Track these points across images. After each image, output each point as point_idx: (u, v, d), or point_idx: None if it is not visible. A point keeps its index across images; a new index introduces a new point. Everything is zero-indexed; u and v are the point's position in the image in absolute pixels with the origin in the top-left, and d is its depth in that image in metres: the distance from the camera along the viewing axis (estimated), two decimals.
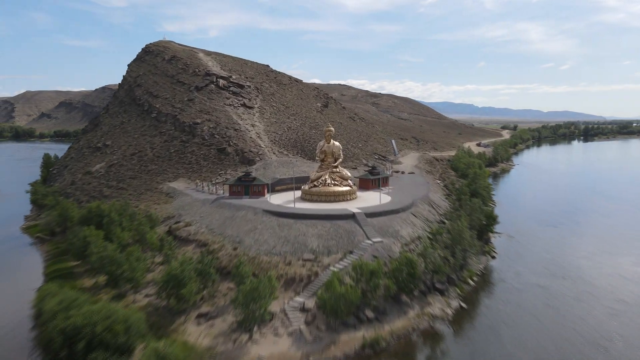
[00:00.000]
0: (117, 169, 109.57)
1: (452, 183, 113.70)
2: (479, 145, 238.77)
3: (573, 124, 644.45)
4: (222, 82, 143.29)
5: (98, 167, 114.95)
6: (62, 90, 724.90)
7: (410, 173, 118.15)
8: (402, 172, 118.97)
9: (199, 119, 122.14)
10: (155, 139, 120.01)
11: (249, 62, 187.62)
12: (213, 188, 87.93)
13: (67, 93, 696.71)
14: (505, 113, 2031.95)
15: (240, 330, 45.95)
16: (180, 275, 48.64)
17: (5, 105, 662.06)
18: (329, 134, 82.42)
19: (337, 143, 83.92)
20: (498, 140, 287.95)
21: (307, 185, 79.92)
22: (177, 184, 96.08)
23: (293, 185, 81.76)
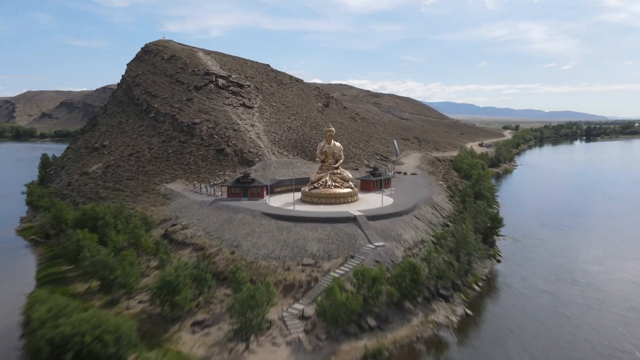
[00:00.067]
0: (114, 170, 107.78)
1: (455, 184, 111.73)
2: (481, 146, 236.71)
3: (575, 124, 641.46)
4: (221, 81, 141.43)
5: (95, 167, 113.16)
6: (63, 90, 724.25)
7: (413, 174, 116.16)
8: (404, 173, 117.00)
9: (198, 119, 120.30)
10: (153, 139, 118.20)
11: (249, 61, 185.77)
12: (211, 189, 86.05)
13: (68, 93, 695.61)
14: (507, 113, 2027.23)
15: (237, 340, 44.07)
16: (175, 282, 46.76)
17: (6, 105, 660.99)
18: (330, 134, 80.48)
19: (338, 144, 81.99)
20: (500, 141, 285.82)
21: (307, 187, 78.00)
22: (174, 186, 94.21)
23: (293, 187, 79.86)
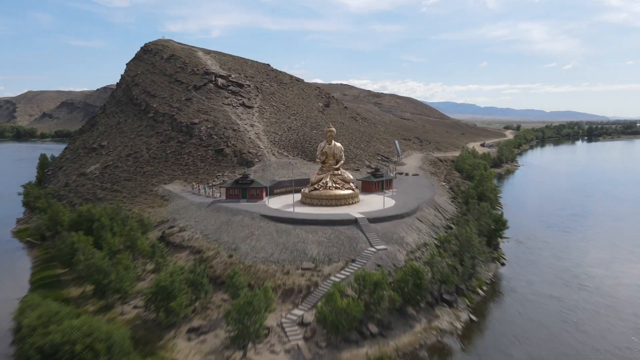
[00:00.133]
0: (112, 171, 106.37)
1: (457, 185, 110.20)
2: (483, 146, 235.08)
3: (577, 124, 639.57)
4: (220, 81, 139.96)
5: (93, 168, 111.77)
6: (64, 90, 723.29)
7: (415, 175, 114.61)
8: (405, 173, 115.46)
9: (197, 119, 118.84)
10: (152, 140, 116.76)
11: (249, 61, 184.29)
12: (210, 191, 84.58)
13: (69, 93, 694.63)
14: (508, 113, 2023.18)
15: (234, 348, 42.55)
16: (170, 287, 45.22)
17: (7, 106, 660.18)
18: (330, 135, 78.94)
19: (338, 144, 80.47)
20: (502, 141, 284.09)
21: (307, 189, 76.52)
22: (172, 186, 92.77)
23: (292, 188, 78.35)
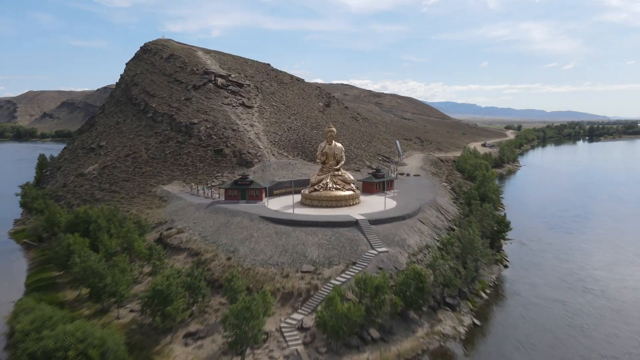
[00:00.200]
0: (110, 171, 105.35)
1: (459, 186, 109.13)
2: (484, 146, 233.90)
3: (578, 124, 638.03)
4: (220, 80, 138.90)
5: (91, 168, 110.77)
6: (64, 90, 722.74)
7: (416, 175, 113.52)
8: (407, 174, 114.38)
9: (196, 119, 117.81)
10: (151, 140, 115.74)
11: (249, 60, 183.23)
12: (208, 191, 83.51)
13: (69, 93, 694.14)
14: (508, 113, 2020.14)
15: (231, 353, 41.49)
16: (166, 291, 44.21)
17: (8, 106, 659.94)
18: (331, 135, 77.80)
19: (339, 144, 79.37)
20: (503, 141, 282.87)
21: (307, 189, 75.45)
22: (171, 187, 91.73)
23: (292, 189, 77.28)
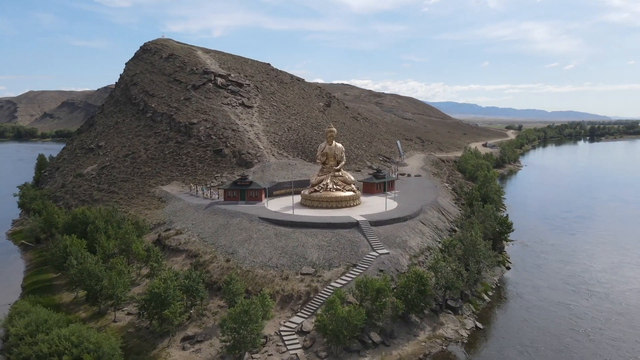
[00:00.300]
0: (109, 171, 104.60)
1: (460, 186, 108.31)
2: (485, 146, 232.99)
3: (579, 124, 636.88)
4: (220, 80, 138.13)
5: (90, 169, 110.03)
6: (65, 90, 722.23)
7: (417, 175, 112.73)
8: (408, 174, 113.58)
9: (195, 119, 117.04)
10: (150, 140, 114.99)
11: (249, 60, 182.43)
12: (208, 192, 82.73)
13: (70, 93, 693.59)
14: (509, 113, 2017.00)
15: (229, 358, 40.69)
16: (163, 294, 43.42)
17: (8, 105, 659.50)
18: (331, 135, 76.96)
19: (339, 144, 78.55)
20: (504, 141, 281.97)
21: (307, 190, 74.70)
22: (170, 188, 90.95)
23: (292, 190, 76.49)
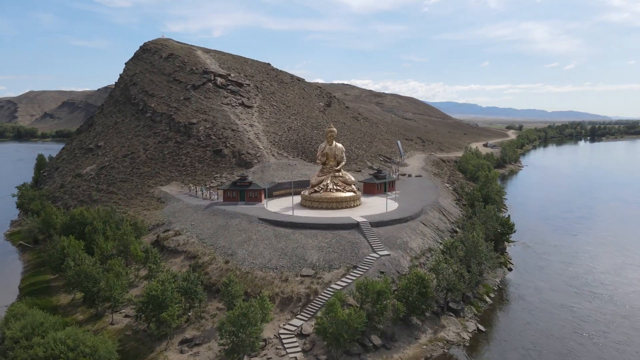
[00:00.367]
0: (108, 172, 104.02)
1: (461, 187, 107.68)
2: (486, 146, 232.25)
3: (579, 124, 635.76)
4: (220, 80, 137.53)
5: (89, 169, 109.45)
6: (65, 90, 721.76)
7: (418, 176, 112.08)
8: (408, 175, 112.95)
9: (195, 119, 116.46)
10: (149, 140, 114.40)
11: (249, 60, 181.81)
12: (207, 193, 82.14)
13: (70, 93, 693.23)
14: (510, 113, 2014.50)
15: None
16: (161, 297, 42.83)
17: (9, 105, 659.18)
18: (331, 135, 76.29)
19: (339, 145, 77.89)
20: (505, 141, 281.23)
21: (307, 191, 74.09)
22: (169, 188, 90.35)
23: (292, 190, 75.88)
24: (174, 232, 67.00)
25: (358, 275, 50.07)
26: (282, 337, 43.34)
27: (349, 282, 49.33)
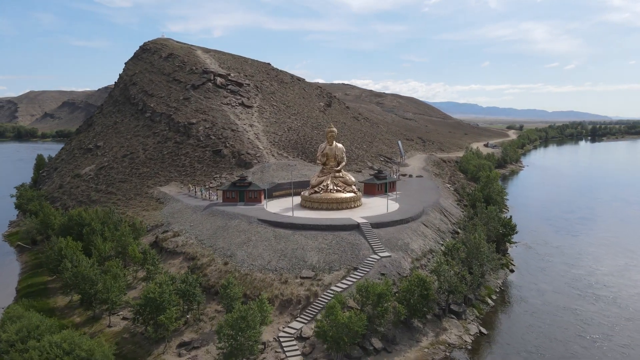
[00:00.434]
0: (107, 172, 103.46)
1: (462, 187, 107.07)
2: (487, 146, 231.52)
3: (580, 124, 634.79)
4: (219, 80, 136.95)
5: (88, 169, 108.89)
6: (65, 90, 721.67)
7: (419, 176, 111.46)
8: (409, 175, 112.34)
9: (195, 119, 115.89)
10: (149, 140, 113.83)
11: (249, 60, 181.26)
12: (206, 193, 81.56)
13: (70, 93, 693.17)
14: (510, 113, 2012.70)
15: None
16: (159, 299, 42.25)
17: (9, 106, 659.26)
18: (331, 135, 75.64)
19: (340, 145, 77.27)
20: (506, 141, 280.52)
21: (307, 191, 73.49)
22: (168, 189, 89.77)
23: (292, 191, 75.29)
24: (173, 233, 66.42)
25: (358, 277, 49.49)
26: (281, 340, 42.73)
27: (350, 284, 48.74)
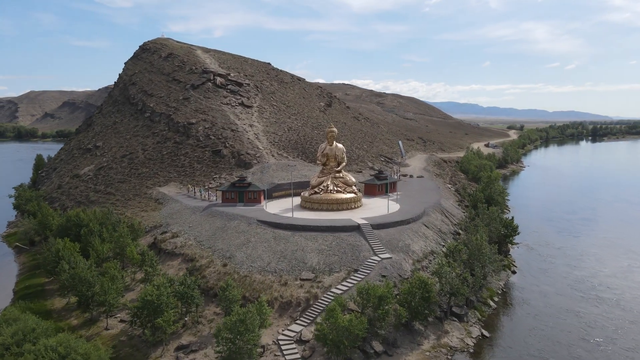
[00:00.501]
0: (106, 172, 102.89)
1: (463, 187, 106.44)
2: (487, 146, 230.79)
3: (580, 124, 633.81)
4: (219, 80, 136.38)
5: (86, 169, 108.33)
6: (66, 90, 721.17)
7: (419, 177, 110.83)
8: (410, 175, 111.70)
9: (194, 119, 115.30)
10: (148, 140, 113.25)
11: (249, 59, 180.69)
12: (205, 194, 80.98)
13: (71, 93, 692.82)
14: (511, 113, 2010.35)
15: None
16: (157, 302, 41.66)
17: (9, 106, 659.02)
18: (332, 135, 75.06)
19: (340, 145, 76.68)
20: (506, 141, 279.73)
21: (307, 192, 72.90)
22: (167, 189, 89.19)
23: (292, 192, 74.69)
24: (172, 234, 65.83)
25: (359, 279, 48.89)
26: (280, 343, 42.13)
27: (350, 286, 48.15)
